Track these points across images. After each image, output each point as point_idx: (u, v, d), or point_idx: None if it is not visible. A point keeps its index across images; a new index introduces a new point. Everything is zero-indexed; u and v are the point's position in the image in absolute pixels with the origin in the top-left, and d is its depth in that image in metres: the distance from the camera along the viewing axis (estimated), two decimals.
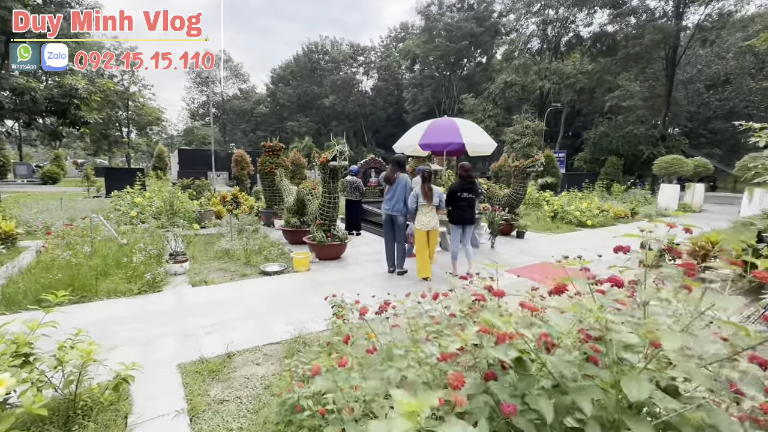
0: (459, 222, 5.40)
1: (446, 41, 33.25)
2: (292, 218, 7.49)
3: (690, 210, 15.08)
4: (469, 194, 5.29)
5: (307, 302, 4.42)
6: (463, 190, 5.30)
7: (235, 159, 18.19)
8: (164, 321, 3.83)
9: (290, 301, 4.45)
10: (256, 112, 51.87)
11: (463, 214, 5.33)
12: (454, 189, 5.35)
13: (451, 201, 5.38)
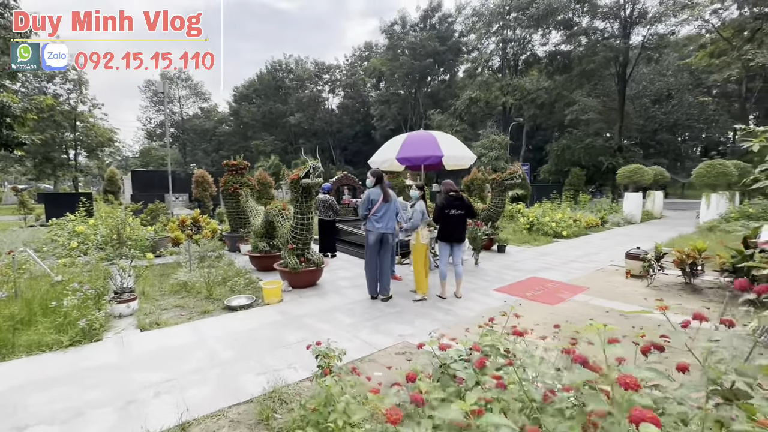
0: (447, 239, 5.13)
1: (411, 59, 33.87)
2: (260, 242, 6.79)
3: (652, 217, 15.71)
4: (458, 210, 4.95)
5: (282, 342, 3.78)
6: (451, 207, 4.97)
7: (196, 180, 17.07)
8: (101, 382, 3.06)
9: (261, 343, 3.78)
10: (218, 132, 50.14)
11: (453, 231, 5.02)
12: (441, 205, 5.03)
13: (439, 218, 5.06)
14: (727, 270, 4.98)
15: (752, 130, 3.55)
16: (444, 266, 5.13)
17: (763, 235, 4.23)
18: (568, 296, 5.27)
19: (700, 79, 28.05)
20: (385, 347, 3.68)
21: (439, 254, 5.30)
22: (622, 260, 7.65)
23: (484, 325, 2.18)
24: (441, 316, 4.54)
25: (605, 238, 10.83)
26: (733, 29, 18.41)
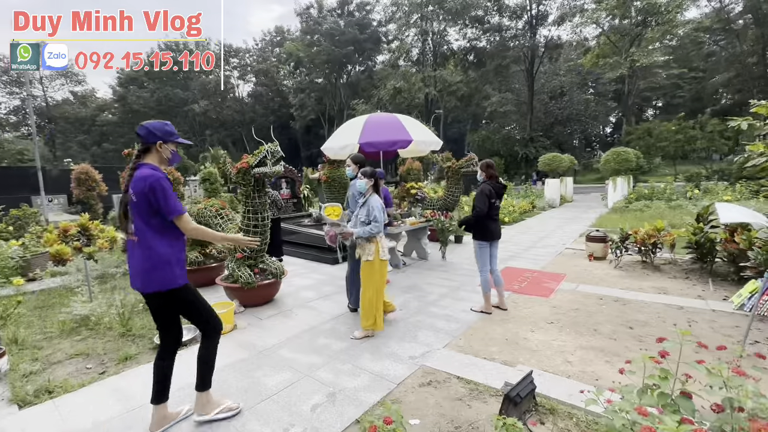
0: (490, 238, 4.04)
1: (330, 46, 32.41)
2: (190, 252, 5.32)
3: (566, 200, 17.29)
4: (500, 201, 4.08)
5: (261, 393, 2.71)
6: (499, 196, 4.03)
7: (77, 177, 13.72)
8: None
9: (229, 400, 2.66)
10: (99, 120, 42.24)
11: (496, 228, 4.07)
12: (487, 193, 3.91)
13: (484, 211, 3.93)
14: (690, 246, 5.25)
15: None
16: (487, 274, 4.09)
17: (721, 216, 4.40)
18: (554, 285, 5.05)
19: (586, 79, 32.17)
20: (403, 378, 2.87)
21: (478, 260, 4.15)
22: (573, 243, 7.94)
23: None
24: (443, 324, 3.87)
25: (541, 221, 11.39)
26: (620, 34, 21.31)
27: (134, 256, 2.18)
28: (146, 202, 2.07)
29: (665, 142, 22.01)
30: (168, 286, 2.16)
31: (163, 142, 2.20)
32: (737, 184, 13.50)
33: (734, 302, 4.03)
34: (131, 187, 2.09)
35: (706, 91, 35.80)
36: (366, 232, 3.45)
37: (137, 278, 2.19)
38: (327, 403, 2.56)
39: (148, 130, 2.17)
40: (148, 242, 2.12)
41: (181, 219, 2.15)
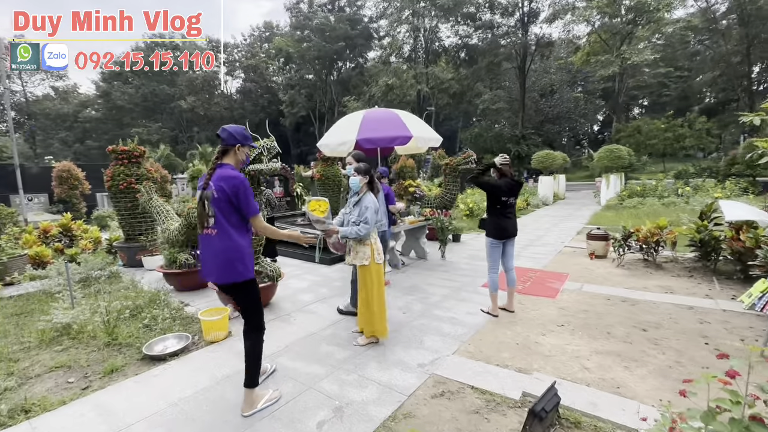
0: (502, 236, 3.83)
1: (321, 41, 31.94)
2: (179, 253, 5.04)
3: (559, 198, 17.33)
4: (514, 198, 3.89)
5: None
6: (511, 193, 3.84)
7: (59, 175, 13.21)
8: None
9: (227, 416, 2.44)
10: (82, 117, 40.96)
11: (508, 225, 3.85)
12: (501, 190, 3.74)
13: (495, 206, 3.79)
14: (693, 244, 5.18)
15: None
16: (496, 275, 3.90)
17: (727, 214, 4.33)
18: (558, 285, 4.93)
19: (576, 77, 32.39)
20: (413, 389, 2.69)
21: (488, 258, 3.94)
22: (572, 241, 7.86)
23: None
24: (449, 328, 3.70)
25: (536, 219, 11.33)
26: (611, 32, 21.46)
27: (210, 250, 2.32)
28: (228, 201, 2.24)
29: (655, 139, 22.27)
30: (243, 277, 2.33)
31: (241, 145, 2.40)
32: (726, 181, 13.68)
33: (744, 302, 3.94)
34: (213, 184, 2.24)
35: (691, 89, 36.44)
36: (353, 233, 3.19)
37: (213, 271, 2.34)
38: (334, 419, 2.37)
39: (229, 134, 2.35)
40: (227, 236, 2.28)
41: (257, 218, 2.36)
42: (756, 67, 30.32)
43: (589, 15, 21.39)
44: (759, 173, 13.47)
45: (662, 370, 2.79)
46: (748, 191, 12.67)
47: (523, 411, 2.40)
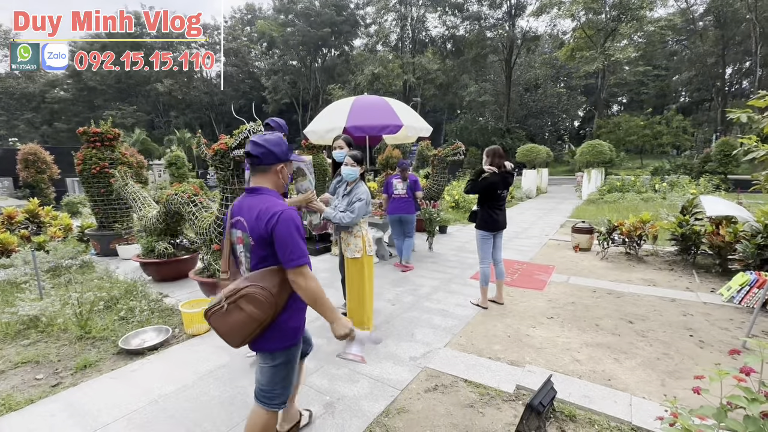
0: (493, 228, 3.79)
1: (306, 26, 31.09)
2: (158, 242, 4.80)
3: (541, 191, 17.61)
4: (506, 191, 3.83)
5: (240, 403, 2.38)
6: (505, 186, 3.78)
7: (25, 158, 12.48)
8: None
9: (212, 414, 2.32)
10: (49, 97, 38.76)
11: (499, 218, 3.80)
12: (493, 183, 3.67)
13: (487, 199, 3.73)
14: (675, 238, 5.30)
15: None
16: (487, 267, 3.85)
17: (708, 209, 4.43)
18: (545, 277, 4.97)
19: (559, 72, 32.79)
20: (406, 383, 2.63)
21: (479, 251, 3.89)
22: (556, 234, 7.97)
23: None
24: (440, 321, 3.66)
25: (520, 212, 11.45)
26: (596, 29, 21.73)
27: None
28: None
29: (634, 136, 22.86)
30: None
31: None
32: (700, 178, 14.19)
33: (723, 295, 4.08)
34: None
35: (668, 88, 37.53)
36: (336, 218, 2.99)
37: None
38: (326, 415, 2.28)
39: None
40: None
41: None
42: (729, 68, 31.45)
43: (575, 10, 21.59)
44: (731, 171, 14.02)
45: (651, 362, 2.83)
46: (720, 188, 13.18)
47: (518, 404, 2.38)
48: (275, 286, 1.54)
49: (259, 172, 1.66)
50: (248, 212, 1.59)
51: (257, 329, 1.56)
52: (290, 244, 1.50)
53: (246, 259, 1.63)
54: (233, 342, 1.57)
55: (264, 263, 1.57)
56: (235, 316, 1.51)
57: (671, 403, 1.48)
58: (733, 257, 4.46)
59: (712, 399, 1.26)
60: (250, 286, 1.52)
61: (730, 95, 31.21)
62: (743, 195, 8.97)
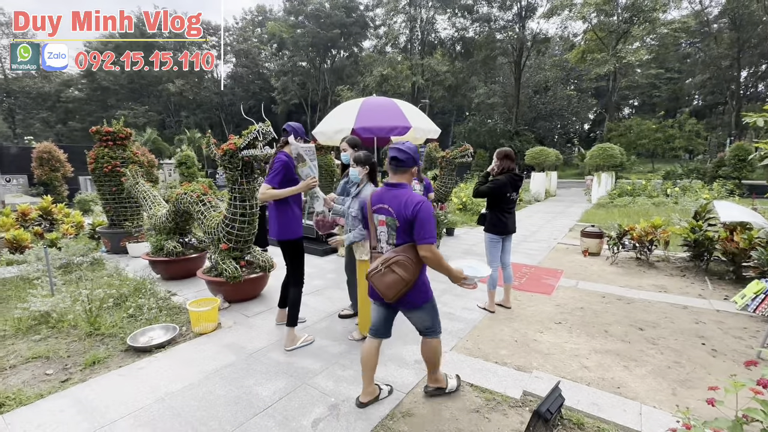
0: (502, 232, 3.73)
1: (316, 28, 31.27)
2: (167, 241, 4.85)
3: (550, 194, 17.44)
4: (516, 193, 3.77)
5: (254, 405, 2.38)
6: (514, 188, 3.73)
7: (40, 156, 12.72)
8: None
9: (218, 413, 2.33)
10: (64, 97, 39.51)
11: (508, 221, 3.75)
12: (501, 185, 3.62)
13: (497, 202, 3.68)
14: (687, 244, 5.20)
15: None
16: (495, 270, 3.77)
17: (722, 215, 4.34)
18: (553, 282, 4.91)
19: (570, 74, 32.49)
20: (411, 386, 2.62)
21: (488, 254, 3.84)
22: (564, 238, 7.88)
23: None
24: (446, 324, 3.62)
25: (528, 215, 11.34)
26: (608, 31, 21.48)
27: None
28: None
29: (645, 139, 22.54)
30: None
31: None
32: (714, 183, 13.92)
33: (737, 302, 3.98)
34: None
35: (681, 91, 36.94)
36: (358, 237, 2.96)
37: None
38: (330, 417, 2.28)
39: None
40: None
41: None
42: (744, 71, 30.85)
43: (586, 12, 21.38)
44: (745, 176, 13.73)
45: (661, 371, 2.77)
46: (734, 193, 12.92)
47: (524, 410, 2.35)
48: (414, 256, 2.06)
49: (400, 172, 2.17)
50: (393, 201, 2.08)
51: (403, 288, 2.06)
52: (427, 226, 2.00)
53: (390, 236, 2.13)
54: (387, 296, 2.08)
55: (406, 240, 2.08)
56: (389, 276, 2.04)
57: (684, 413, 1.44)
58: (748, 264, 4.36)
59: (727, 411, 1.22)
60: (399, 255, 2.04)
61: (745, 99, 30.60)
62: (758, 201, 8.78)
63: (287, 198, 3.01)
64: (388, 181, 2.19)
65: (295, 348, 3.12)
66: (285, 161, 2.97)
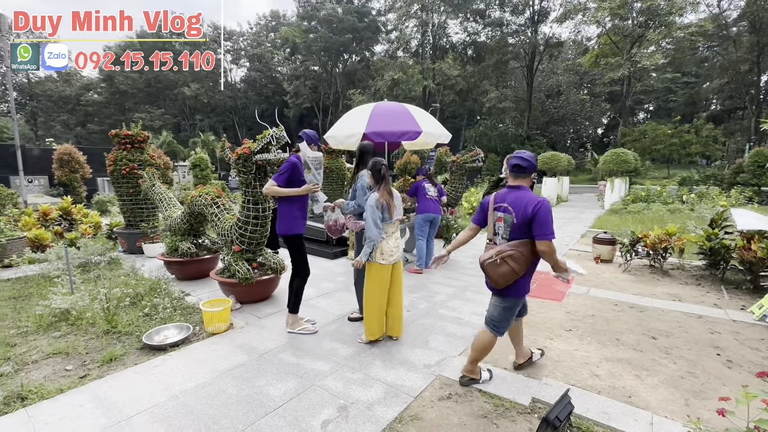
0: None
1: (328, 32, 31.62)
2: (182, 242, 4.96)
3: (561, 200, 17.24)
4: None
5: (264, 405, 2.43)
6: None
7: (60, 157, 13.10)
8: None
9: (229, 411, 2.38)
10: (84, 100, 40.67)
11: None
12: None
13: None
14: (703, 252, 5.11)
15: None
16: None
17: (739, 223, 4.26)
18: (564, 288, 4.87)
19: (583, 79, 32.14)
20: (420, 390, 2.63)
21: None
22: (576, 244, 7.79)
23: None
24: (455, 329, 3.64)
25: None
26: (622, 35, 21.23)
27: None
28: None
29: (660, 144, 22.13)
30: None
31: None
32: (732, 189, 13.59)
33: (755, 313, 3.90)
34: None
35: (698, 96, 36.21)
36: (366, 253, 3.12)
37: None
38: (339, 419, 2.30)
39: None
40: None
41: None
42: (765, 75, 30.11)
43: (600, 16, 21.17)
44: (765, 183, 13.38)
45: (674, 381, 2.73)
46: (752, 200, 12.60)
47: (533, 417, 2.34)
48: (528, 252, 2.31)
49: (522, 176, 2.44)
50: (515, 201, 2.34)
51: (512, 280, 2.34)
52: (547, 223, 2.23)
53: (506, 232, 2.39)
54: (498, 284, 2.38)
55: (519, 236, 2.32)
56: (503, 267, 2.32)
57: (695, 424, 1.43)
58: (766, 274, 4.26)
59: (739, 422, 1.21)
60: (513, 250, 2.30)
61: (765, 103, 29.84)
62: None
63: (292, 198, 3.32)
64: (510, 183, 2.47)
65: (294, 332, 3.45)
66: (294, 163, 3.31)
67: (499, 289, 2.46)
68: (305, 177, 3.40)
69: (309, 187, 3.33)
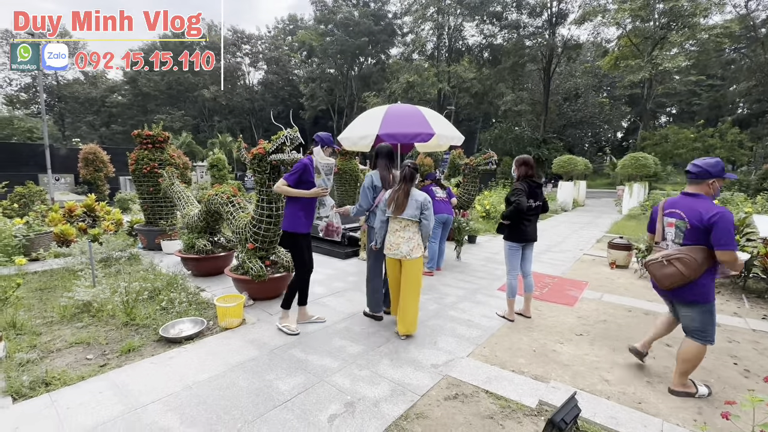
0: (523, 240, 3.73)
1: (345, 36, 31.95)
2: (198, 239, 5.11)
3: (578, 204, 16.95)
4: (536, 202, 3.75)
5: (273, 398, 2.49)
6: (533, 196, 3.73)
7: (85, 157, 13.62)
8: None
9: (239, 403, 2.45)
10: (109, 102, 42.09)
11: (529, 229, 3.74)
12: (526, 195, 3.64)
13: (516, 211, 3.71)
14: None
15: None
16: (514, 279, 3.78)
17: (762, 230, 4.12)
18: (577, 293, 4.80)
19: (602, 81, 31.52)
20: (426, 389, 2.65)
21: (507, 262, 3.83)
22: (591, 249, 7.66)
23: None
24: (464, 330, 3.64)
25: (554, 225, 11.09)
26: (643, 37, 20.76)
27: None
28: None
29: (683, 149, 21.49)
30: None
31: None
32: (758, 196, 13.09)
33: None
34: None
35: (724, 99, 35.02)
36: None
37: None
38: (345, 414, 2.35)
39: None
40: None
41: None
42: None
43: (620, 18, 20.75)
44: None
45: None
46: None
47: (539, 419, 2.34)
48: (700, 258, 2.31)
49: (696, 183, 2.43)
50: (687, 208, 2.39)
51: (679, 282, 2.39)
52: (727, 233, 2.22)
53: (677, 236, 2.44)
54: (662, 284, 2.47)
55: (693, 242, 2.34)
56: (668, 269, 2.40)
57: (702, 429, 1.42)
58: None
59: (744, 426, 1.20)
60: (683, 254, 2.35)
61: None
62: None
63: (300, 199, 3.39)
64: (685, 190, 2.49)
65: (305, 322, 3.69)
66: (305, 164, 3.39)
67: (686, 301, 2.46)
68: (315, 180, 3.47)
69: (317, 190, 3.41)
